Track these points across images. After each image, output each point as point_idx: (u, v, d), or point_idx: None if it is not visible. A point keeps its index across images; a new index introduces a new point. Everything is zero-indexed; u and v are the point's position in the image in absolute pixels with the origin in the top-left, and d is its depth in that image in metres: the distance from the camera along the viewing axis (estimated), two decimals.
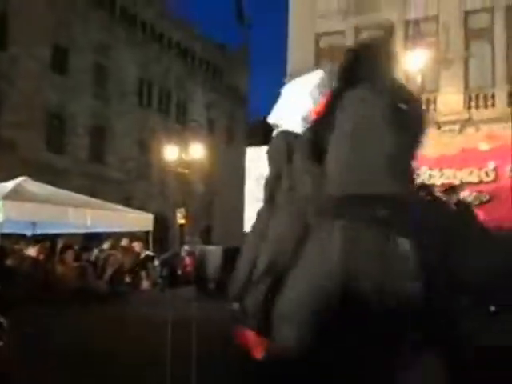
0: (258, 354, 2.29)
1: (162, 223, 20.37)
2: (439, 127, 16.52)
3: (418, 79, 14.82)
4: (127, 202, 17.49)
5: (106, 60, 25.70)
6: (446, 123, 16.48)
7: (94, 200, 10.90)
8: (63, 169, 21.52)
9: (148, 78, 28.38)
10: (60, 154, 22.84)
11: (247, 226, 9.44)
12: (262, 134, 6.07)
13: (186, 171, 20.92)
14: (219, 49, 33.62)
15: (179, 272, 10.92)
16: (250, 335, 2.37)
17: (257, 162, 10.44)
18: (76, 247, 9.52)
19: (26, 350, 3.77)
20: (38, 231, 10.23)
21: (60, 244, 9.09)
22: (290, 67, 20.41)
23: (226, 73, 34.21)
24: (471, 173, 12.60)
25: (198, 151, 20.27)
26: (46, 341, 4.10)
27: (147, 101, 28.57)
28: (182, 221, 19.09)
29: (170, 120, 29.54)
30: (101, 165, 24.93)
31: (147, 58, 27.85)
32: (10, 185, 9.47)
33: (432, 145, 11.64)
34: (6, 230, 9.21)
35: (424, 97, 16.27)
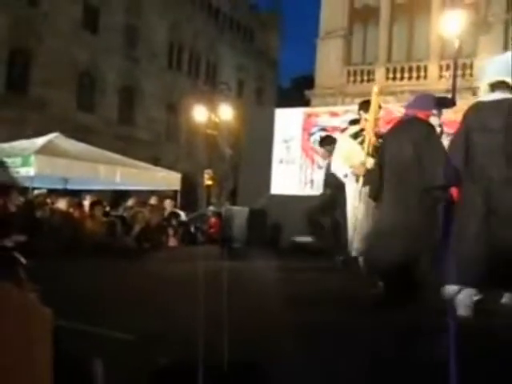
0: None
1: (190, 184, 20.50)
2: (474, 93, 16.05)
3: (456, 43, 14.34)
4: (156, 162, 17.59)
5: (137, 21, 25.52)
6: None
7: (124, 158, 11.03)
8: (93, 127, 21.70)
9: (178, 39, 28.14)
10: (90, 113, 23.02)
11: (273, 188, 9.41)
12: (292, 96, 6.02)
13: (215, 133, 20.90)
14: (250, 10, 33.04)
15: (204, 231, 11.04)
16: None
17: (285, 123, 10.29)
18: (105, 203, 9.67)
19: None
20: (69, 187, 10.43)
21: (89, 200, 9.23)
22: (322, 28, 20.00)
23: (256, 34, 33.70)
24: None
25: (226, 113, 20.18)
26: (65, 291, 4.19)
27: (177, 63, 28.42)
28: (209, 182, 19.20)
29: (200, 82, 29.38)
30: (130, 125, 25.08)
31: (178, 20, 27.56)
32: (41, 140, 9.63)
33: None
34: (37, 185, 9.43)
35: (460, 61, 15.81)
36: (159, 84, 26.36)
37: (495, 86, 3.61)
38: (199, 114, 20.66)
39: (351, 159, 5.34)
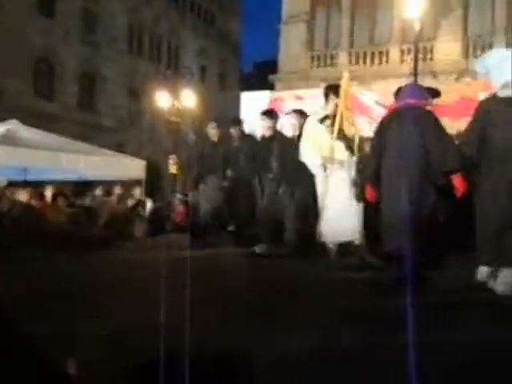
0: None
1: (154, 171, 20.22)
2: (435, 76, 16.29)
3: (417, 26, 14.46)
4: (119, 149, 17.24)
5: (95, 5, 24.82)
6: (442, 72, 16.26)
7: (86, 145, 10.75)
8: (53, 115, 21.10)
9: (138, 23, 27.54)
10: (49, 101, 22.36)
11: None
12: (255, 80, 6.05)
13: (178, 119, 20.62)
14: None
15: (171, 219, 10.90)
16: None
17: (250, 108, 10.21)
18: (68, 193, 9.42)
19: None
20: (29, 177, 10.11)
21: (50, 190, 8.97)
22: (284, 13, 19.89)
23: (217, 18, 33.29)
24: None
25: (189, 98, 19.91)
26: (33, 283, 4.06)
27: (138, 47, 27.83)
28: (174, 168, 18.91)
29: (162, 67, 28.90)
30: (91, 112, 24.50)
31: (137, 3, 26.95)
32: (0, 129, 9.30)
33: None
34: None
35: (421, 45, 15.97)
36: (120, 69, 25.80)
37: None
38: (162, 99, 20.31)
39: (322, 148, 5.35)
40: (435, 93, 5.02)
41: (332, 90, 5.52)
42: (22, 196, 7.66)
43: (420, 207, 4.03)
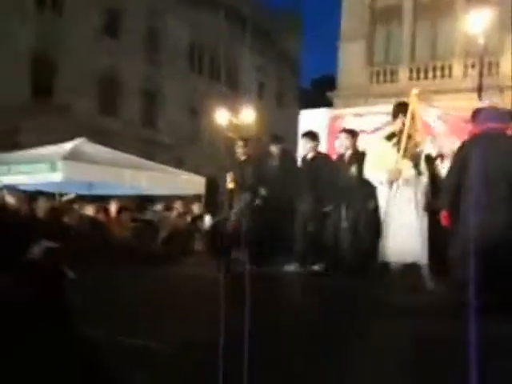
0: None
1: (213, 187, 20.52)
2: (501, 91, 15.75)
3: (481, 41, 14.09)
4: (179, 165, 17.62)
5: (158, 23, 25.66)
6: (509, 87, 15.70)
7: (148, 162, 11.05)
8: (116, 132, 21.85)
9: (199, 42, 28.24)
10: (113, 117, 23.20)
11: None
12: (313, 97, 6.14)
13: (236, 136, 20.86)
14: (270, 11, 32.97)
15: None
16: None
17: (309, 126, 10.18)
18: (131, 208, 9.69)
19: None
20: (94, 192, 10.48)
21: (115, 205, 9.25)
22: (343, 29, 19.84)
23: (276, 36, 33.60)
24: None
25: (248, 115, 20.17)
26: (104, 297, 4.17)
27: (198, 65, 28.51)
28: (231, 185, 19.09)
29: (221, 85, 29.43)
30: (153, 128, 25.22)
31: (198, 22, 27.65)
32: (68, 146, 9.70)
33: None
34: (63, 190, 9.48)
35: (486, 59, 15.52)
36: (181, 86, 26.46)
37: None
38: (220, 117, 20.68)
39: (388, 166, 5.27)
40: None
41: (401, 107, 5.47)
42: (89, 210, 7.94)
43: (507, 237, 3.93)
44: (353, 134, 6.31)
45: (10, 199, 8.10)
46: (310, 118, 9.89)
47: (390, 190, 5.23)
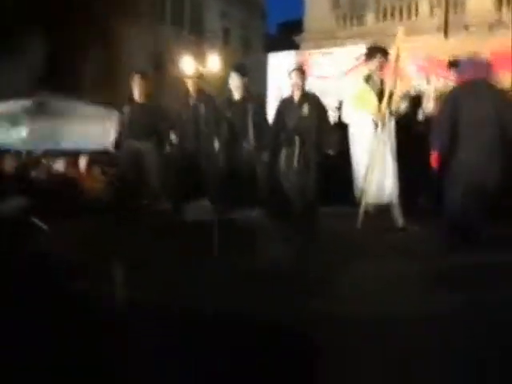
0: None
1: None
2: (467, 29, 15.76)
3: None
4: None
5: None
6: (474, 25, 15.69)
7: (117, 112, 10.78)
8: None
9: None
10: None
11: None
12: (280, 42, 6.02)
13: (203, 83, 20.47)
14: None
15: None
16: None
17: (277, 69, 10.08)
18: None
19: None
20: (63, 147, 10.24)
21: (83, 159, 9.07)
22: None
23: None
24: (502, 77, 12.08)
25: (214, 63, 19.74)
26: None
27: (160, 11, 27.57)
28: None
29: (184, 31, 28.62)
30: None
31: None
32: (31, 101, 9.39)
33: (459, 48, 11.11)
34: (29, 147, 9.26)
35: None
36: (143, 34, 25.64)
37: None
38: (186, 65, 20.19)
39: (368, 103, 5.29)
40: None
41: (378, 49, 5.54)
42: (59, 165, 7.80)
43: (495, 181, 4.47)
44: (303, 73, 6.04)
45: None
46: (278, 61, 9.72)
47: (374, 131, 5.26)
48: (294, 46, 19.00)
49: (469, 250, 4.03)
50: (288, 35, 20.94)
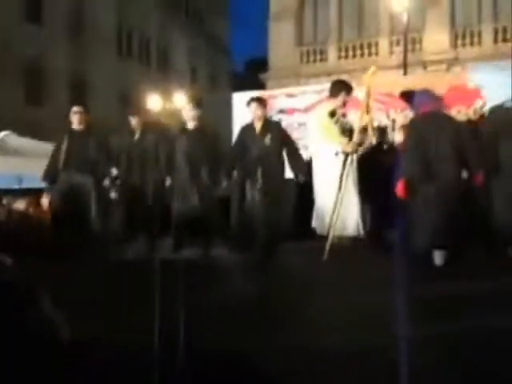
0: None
1: None
2: (425, 67, 16.34)
3: (404, 17, 14.51)
4: None
5: (82, 6, 24.76)
6: (432, 62, 16.30)
7: None
8: (44, 123, 21.01)
9: (127, 24, 27.50)
10: (40, 107, 22.28)
11: None
12: (246, 80, 6.08)
13: (171, 122, 20.58)
14: None
15: None
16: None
17: (243, 108, 10.17)
18: None
19: None
20: (24, 185, 10.08)
21: (46, 198, 8.89)
22: (272, 10, 19.87)
23: (206, 20, 33.22)
24: (459, 112, 12.49)
25: (181, 100, 19.88)
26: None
27: (126, 49, 27.78)
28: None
29: (152, 69, 28.85)
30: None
31: (125, 4, 26.87)
32: None
33: (417, 84, 11.46)
34: None
35: (409, 36, 16.02)
36: (109, 71, 25.71)
37: None
38: (153, 102, 20.30)
39: (334, 136, 5.40)
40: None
41: (343, 85, 5.69)
42: (20, 205, 7.65)
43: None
44: (263, 103, 5.97)
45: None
46: (243, 101, 9.83)
47: (343, 163, 5.33)
48: (259, 84, 19.34)
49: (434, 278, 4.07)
50: (254, 73, 21.34)
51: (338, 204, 5.24)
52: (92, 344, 2.21)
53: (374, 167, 5.92)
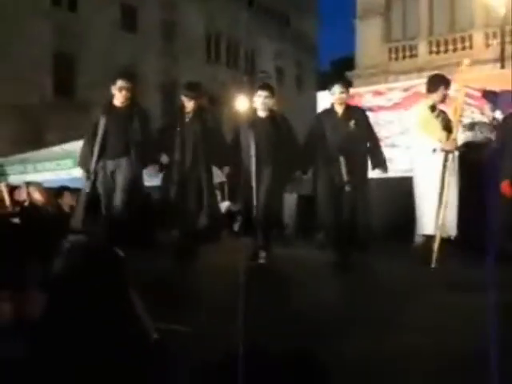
0: None
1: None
2: None
3: (502, 11, 13.74)
4: None
5: (174, 16, 25.70)
6: None
7: None
8: None
9: (215, 31, 28.21)
10: None
11: None
12: (333, 79, 5.85)
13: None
14: None
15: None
16: None
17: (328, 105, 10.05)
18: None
19: None
20: None
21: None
22: (359, 7, 19.56)
23: (293, 20, 33.29)
24: None
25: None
26: None
27: (215, 55, 28.49)
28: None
29: (239, 72, 29.38)
30: None
31: (214, 11, 27.57)
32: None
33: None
34: None
35: (508, 28, 15.13)
36: (199, 77, 26.48)
37: None
38: (241, 104, 20.65)
39: (437, 132, 5.16)
40: None
41: (441, 78, 5.41)
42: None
43: None
44: (347, 86, 5.67)
45: (37, 196, 8.28)
46: (328, 100, 9.73)
47: (444, 160, 5.07)
48: (346, 83, 19.04)
49: None
50: (341, 71, 21.08)
51: (443, 205, 4.97)
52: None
53: (476, 166, 5.54)
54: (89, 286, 1.62)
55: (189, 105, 5.48)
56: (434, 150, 5.06)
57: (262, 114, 5.43)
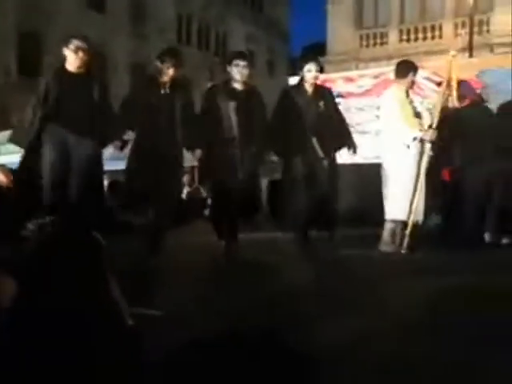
0: None
1: None
2: (492, 50, 15.65)
3: (471, 0, 13.94)
4: None
5: None
6: (499, 45, 15.58)
7: None
8: None
9: (186, 12, 27.83)
10: None
11: None
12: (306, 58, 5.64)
13: None
14: None
15: None
16: None
17: None
18: None
19: None
20: None
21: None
22: None
23: (266, 7, 33.08)
24: None
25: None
26: None
27: (186, 36, 28.15)
28: None
29: (210, 54, 29.12)
30: None
31: None
32: None
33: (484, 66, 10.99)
34: None
35: (476, 18, 15.37)
36: None
37: None
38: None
39: (410, 117, 5.08)
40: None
41: (410, 64, 5.33)
42: None
43: None
44: (320, 65, 5.30)
45: (1, 178, 8.09)
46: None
47: (421, 147, 5.06)
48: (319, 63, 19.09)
49: None
50: None
51: (418, 190, 5.00)
52: None
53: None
54: (64, 270, 1.60)
55: (168, 72, 4.74)
56: (415, 139, 5.03)
57: (238, 86, 4.92)
